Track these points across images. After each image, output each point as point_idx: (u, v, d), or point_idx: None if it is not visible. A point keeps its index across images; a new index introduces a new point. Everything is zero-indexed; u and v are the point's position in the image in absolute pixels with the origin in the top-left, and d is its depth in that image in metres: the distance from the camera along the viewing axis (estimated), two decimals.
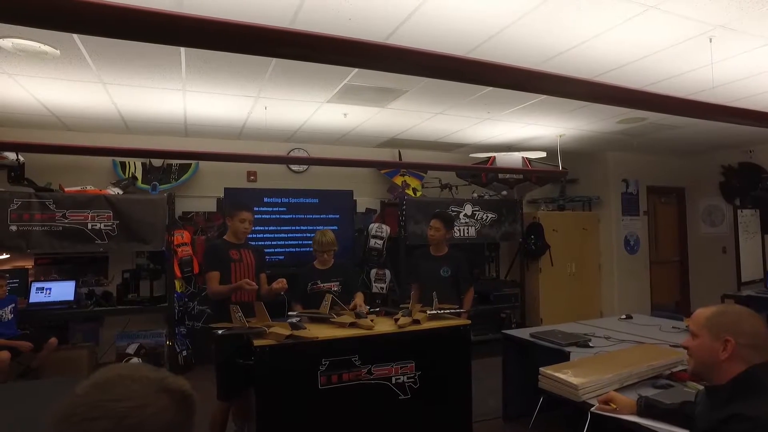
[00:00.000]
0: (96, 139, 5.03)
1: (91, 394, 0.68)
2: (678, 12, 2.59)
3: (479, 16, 2.60)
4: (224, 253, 3.16)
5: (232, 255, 3.16)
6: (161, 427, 0.67)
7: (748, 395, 1.28)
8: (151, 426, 0.66)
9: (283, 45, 1.89)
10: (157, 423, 0.67)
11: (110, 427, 0.64)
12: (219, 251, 3.20)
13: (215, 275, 3.09)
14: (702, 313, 1.47)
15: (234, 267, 3.15)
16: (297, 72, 3.44)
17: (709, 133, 5.65)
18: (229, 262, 3.14)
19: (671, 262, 7.58)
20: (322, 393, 2.59)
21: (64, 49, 2.93)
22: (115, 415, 0.65)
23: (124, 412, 0.65)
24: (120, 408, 0.65)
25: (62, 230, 4.50)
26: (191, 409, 0.72)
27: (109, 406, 0.65)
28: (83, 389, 0.69)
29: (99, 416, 0.64)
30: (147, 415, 0.66)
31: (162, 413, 0.67)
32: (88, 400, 0.67)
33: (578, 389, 2.17)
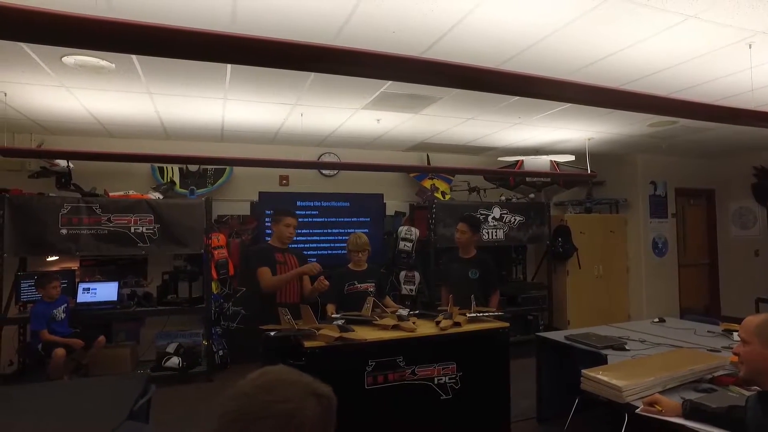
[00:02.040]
0: (136, 145, 5.23)
1: (259, 395, 0.77)
2: (717, 20, 2.63)
3: (520, 28, 2.67)
4: (271, 255, 3.30)
5: (277, 257, 3.30)
6: (315, 426, 0.76)
7: None
8: (309, 425, 0.75)
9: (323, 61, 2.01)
10: (313, 423, 0.76)
11: (281, 425, 0.74)
12: (266, 253, 3.35)
13: (267, 270, 3.23)
14: (752, 321, 1.53)
15: (279, 269, 3.28)
16: (336, 81, 3.55)
17: (742, 134, 5.61)
18: (275, 264, 3.28)
19: (700, 265, 7.51)
20: (368, 393, 2.70)
21: (119, 63, 3.10)
22: (282, 414, 0.74)
23: (289, 412, 0.75)
24: (285, 408, 0.75)
25: (107, 233, 4.70)
26: (334, 411, 0.81)
27: (276, 407, 0.75)
28: (250, 389, 0.78)
29: (268, 416, 0.74)
30: (306, 415, 0.75)
31: (315, 414, 0.77)
32: (257, 401, 0.76)
33: (622, 391, 2.23)
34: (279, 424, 0.74)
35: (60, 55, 2.90)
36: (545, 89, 2.47)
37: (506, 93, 2.68)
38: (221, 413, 0.77)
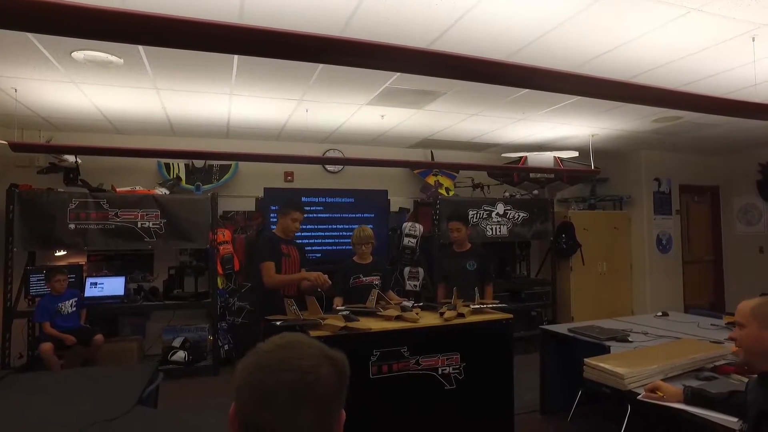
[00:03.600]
0: (143, 141, 5.29)
1: (279, 352, 0.82)
2: (721, 13, 2.64)
3: (524, 21, 2.69)
4: (278, 246, 3.34)
5: (283, 249, 3.34)
6: (328, 387, 0.80)
7: None
8: (323, 385, 0.79)
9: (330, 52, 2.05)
10: (326, 383, 0.80)
11: (296, 378, 0.78)
12: (275, 244, 3.38)
13: (272, 265, 3.26)
14: (747, 304, 1.55)
15: (284, 261, 3.33)
16: (341, 76, 3.59)
17: (747, 131, 5.60)
18: (281, 256, 3.32)
19: (705, 262, 7.50)
20: (373, 382, 2.73)
21: (127, 58, 3.14)
22: (300, 369, 0.79)
23: (306, 368, 0.79)
24: (303, 365, 0.79)
25: (115, 228, 4.76)
26: (346, 377, 0.85)
27: (295, 362, 0.80)
28: (270, 347, 0.83)
29: (288, 369, 0.79)
30: (321, 374, 0.79)
31: (329, 374, 0.80)
32: (277, 356, 0.81)
33: (624, 378, 2.25)
34: (295, 378, 0.78)
35: (70, 50, 2.94)
36: (552, 81, 2.50)
37: (513, 85, 2.69)
38: (241, 368, 0.82)
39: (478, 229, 5.82)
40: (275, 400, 0.77)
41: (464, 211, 5.12)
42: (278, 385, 0.78)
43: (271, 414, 0.77)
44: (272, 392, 0.78)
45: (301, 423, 0.77)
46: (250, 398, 0.79)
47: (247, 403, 0.79)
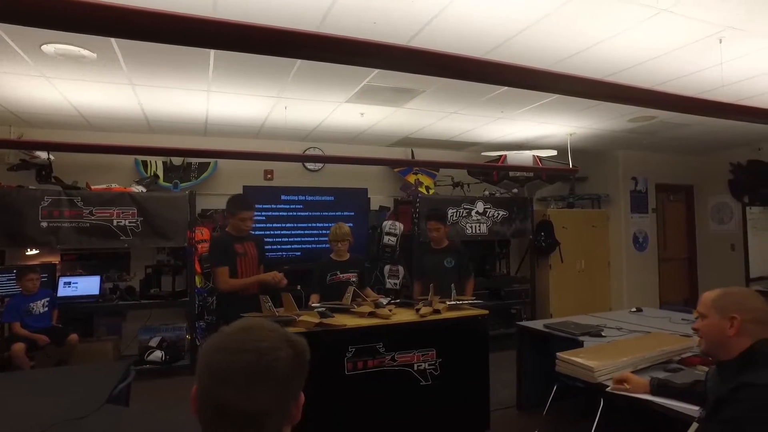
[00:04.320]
0: (119, 138, 5.19)
1: (240, 334, 0.86)
2: (689, 14, 2.70)
3: (499, 20, 2.72)
4: (230, 247, 3.30)
5: (237, 249, 3.30)
6: (286, 369, 0.84)
7: (756, 366, 1.40)
8: (281, 366, 0.84)
9: (310, 48, 2.05)
10: (284, 365, 0.84)
11: (253, 359, 0.82)
12: (226, 246, 3.32)
13: (225, 270, 3.22)
14: (709, 296, 1.59)
15: (240, 261, 3.29)
16: (319, 73, 3.58)
17: (718, 131, 5.74)
18: (236, 257, 3.28)
19: (680, 260, 7.66)
20: (348, 379, 2.73)
21: (100, 52, 3.09)
22: (258, 350, 0.83)
23: (264, 349, 0.83)
24: (262, 346, 0.83)
25: (89, 227, 4.67)
26: (305, 360, 0.89)
27: (253, 344, 0.84)
28: (232, 330, 0.88)
29: (246, 350, 0.83)
30: (279, 356, 0.84)
31: (288, 357, 0.85)
32: (238, 337, 0.85)
33: (594, 371, 2.30)
34: (253, 359, 0.82)
35: (39, 42, 2.88)
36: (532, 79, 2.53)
37: (494, 83, 2.73)
38: (203, 349, 0.86)
39: (458, 227, 5.86)
40: (233, 379, 0.81)
41: (443, 210, 5.16)
42: (236, 365, 0.81)
43: (229, 392, 0.81)
44: (230, 372, 0.81)
45: (257, 402, 0.81)
46: (210, 378, 0.83)
47: (206, 383, 0.83)
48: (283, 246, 5.49)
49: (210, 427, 0.84)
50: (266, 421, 0.83)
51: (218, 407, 0.82)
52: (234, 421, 0.82)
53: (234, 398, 0.81)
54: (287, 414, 0.87)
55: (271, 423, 0.84)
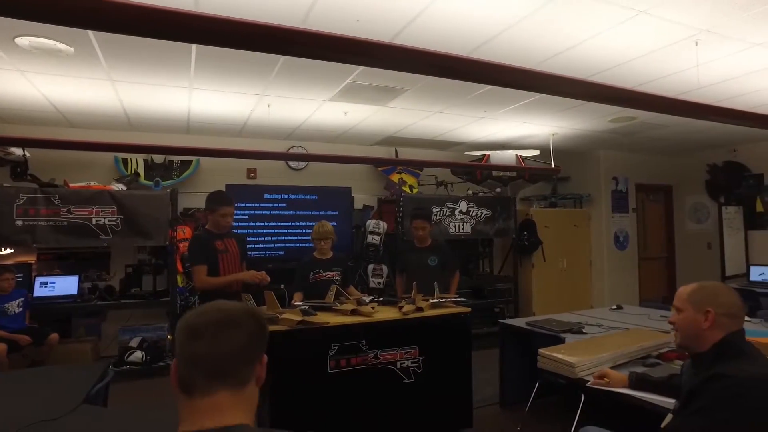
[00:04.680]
0: (99, 135, 5.11)
1: (209, 304, 1.02)
2: (666, 17, 2.76)
3: (481, 19, 2.74)
4: (211, 245, 3.23)
5: (217, 246, 3.24)
6: (250, 325, 1.00)
7: (726, 358, 1.44)
8: (245, 322, 0.99)
9: (297, 44, 2.03)
10: (248, 321, 1.00)
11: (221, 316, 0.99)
12: (206, 244, 3.26)
13: (203, 269, 3.16)
14: (684, 290, 1.63)
15: (221, 258, 3.23)
16: (303, 71, 3.57)
17: (696, 133, 5.87)
18: (216, 254, 3.22)
19: (659, 258, 7.81)
20: (331, 376, 2.72)
21: (78, 46, 3.03)
22: (225, 311, 1.00)
23: (230, 310, 1.01)
24: (230, 307, 1.02)
25: (67, 225, 4.57)
26: (265, 326, 1.05)
27: (221, 307, 1.01)
28: (199, 307, 1.04)
29: (215, 311, 1.00)
30: (242, 316, 1.01)
31: (249, 320, 1.01)
32: (208, 306, 1.02)
33: (575, 367, 2.33)
34: (220, 316, 0.98)
35: (12, 35, 2.81)
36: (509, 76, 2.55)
37: (478, 81, 2.74)
38: (180, 320, 1.00)
39: (441, 226, 5.89)
40: (204, 332, 0.95)
41: (429, 209, 5.18)
42: (205, 322, 0.97)
43: (200, 343, 0.94)
44: (200, 327, 0.96)
45: (224, 348, 0.95)
46: (182, 338, 0.96)
47: (181, 343, 0.96)
48: (266, 245, 5.45)
49: (184, 383, 0.94)
50: (233, 366, 0.96)
51: (191, 359, 0.94)
52: (204, 367, 0.94)
53: (204, 347, 0.94)
54: (252, 367, 0.99)
55: (238, 369, 0.96)
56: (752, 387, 1.34)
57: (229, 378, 0.95)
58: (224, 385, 0.95)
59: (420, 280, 3.51)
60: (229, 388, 0.95)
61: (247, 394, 0.98)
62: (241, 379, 0.97)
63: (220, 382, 0.95)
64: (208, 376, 0.94)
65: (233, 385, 0.96)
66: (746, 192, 6.68)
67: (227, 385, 0.95)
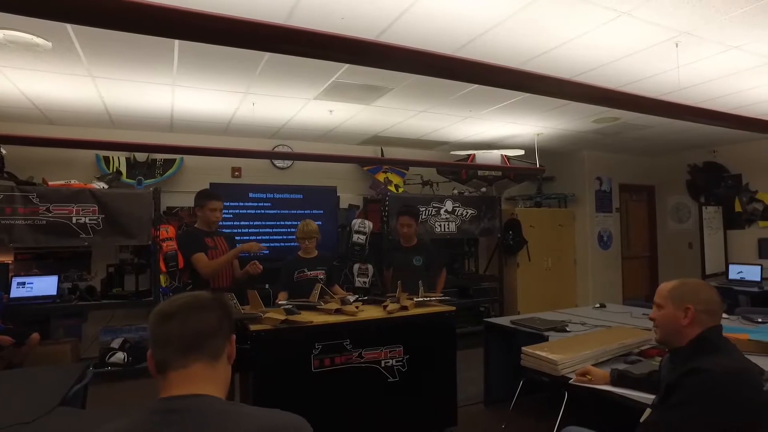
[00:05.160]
0: (80, 133, 5.01)
1: (178, 293, 1.14)
2: (647, 18, 2.80)
3: (465, 18, 2.75)
4: (201, 240, 3.25)
5: (207, 242, 3.26)
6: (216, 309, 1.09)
7: (703, 353, 1.47)
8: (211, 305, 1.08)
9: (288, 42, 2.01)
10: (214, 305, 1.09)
11: (191, 300, 1.08)
12: (196, 237, 3.30)
13: (202, 256, 3.21)
14: (665, 287, 1.65)
15: (210, 254, 3.24)
16: (287, 69, 3.54)
17: (677, 134, 5.96)
18: (206, 250, 3.23)
19: (642, 257, 7.92)
20: (315, 376, 2.70)
21: (56, 41, 2.96)
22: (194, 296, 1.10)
23: (198, 295, 1.10)
24: (196, 293, 1.11)
25: (46, 224, 4.47)
26: (230, 309, 1.14)
27: (190, 293, 1.11)
28: (175, 296, 1.10)
29: (184, 296, 1.09)
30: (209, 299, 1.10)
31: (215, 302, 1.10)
32: (177, 294, 1.11)
33: (558, 364, 2.34)
34: (190, 299, 1.07)
35: None
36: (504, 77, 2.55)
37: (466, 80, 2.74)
38: (153, 312, 1.07)
39: (427, 225, 5.90)
40: (177, 313, 1.03)
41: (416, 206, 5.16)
42: (177, 305, 1.05)
43: (173, 323, 1.02)
44: (173, 309, 1.04)
45: (196, 325, 1.02)
46: (155, 322, 1.04)
47: (153, 328, 1.04)
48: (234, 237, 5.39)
49: (159, 364, 1.01)
50: (206, 340, 1.03)
51: (165, 339, 1.01)
52: (177, 344, 1.00)
53: (176, 326, 1.01)
54: (224, 341, 1.08)
55: (211, 342, 1.04)
56: (728, 381, 1.36)
57: (202, 350, 1.02)
58: (198, 358, 1.01)
59: (405, 279, 3.51)
60: (203, 361, 1.01)
61: (219, 370, 1.05)
62: (214, 353, 1.04)
63: (193, 355, 1.00)
64: (182, 351, 1.00)
65: (206, 358, 1.02)
66: (725, 192, 6.82)
67: (201, 357, 1.01)
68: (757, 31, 2.95)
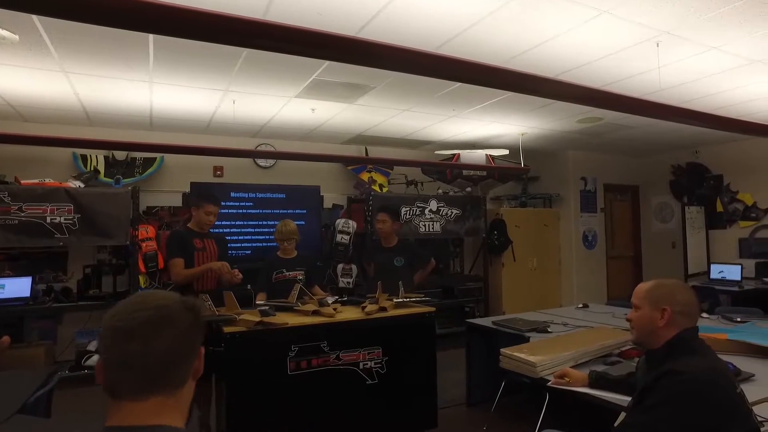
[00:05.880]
0: (56, 131, 4.86)
1: (138, 298, 0.94)
2: (628, 17, 2.78)
3: (444, 16, 2.71)
4: (188, 241, 3.20)
5: (196, 244, 3.20)
6: (184, 320, 0.93)
7: (678, 354, 1.44)
8: (178, 318, 0.92)
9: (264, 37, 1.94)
10: (181, 317, 0.93)
11: (153, 314, 0.90)
12: (183, 240, 3.24)
13: (179, 262, 3.15)
14: (642, 287, 1.63)
15: (198, 255, 3.19)
16: (266, 66, 3.47)
17: (660, 134, 5.99)
18: (193, 251, 3.18)
19: (626, 257, 7.96)
20: (291, 378, 2.64)
21: (23, 34, 2.86)
22: (156, 307, 0.91)
23: (162, 306, 0.92)
24: (162, 303, 0.92)
25: (18, 224, 4.35)
26: (200, 317, 0.97)
27: (152, 302, 0.92)
28: (130, 297, 0.94)
29: (145, 308, 0.90)
30: (175, 310, 0.93)
31: (183, 313, 0.94)
32: (136, 300, 0.93)
33: (536, 366, 2.31)
34: (151, 314, 0.90)
35: None
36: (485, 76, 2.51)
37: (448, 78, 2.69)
38: (106, 318, 0.91)
39: (411, 225, 5.86)
40: (137, 331, 0.87)
41: (394, 205, 5.12)
42: (139, 320, 0.88)
43: (134, 345, 0.87)
44: (134, 326, 0.88)
45: (161, 349, 0.88)
46: (113, 338, 0.88)
47: (109, 344, 0.89)
48: (233, 244, 5.28)
49: (113, 386, 0.87)
50: (169, 369, 0.89)
51: (123, 362, 0.87)
52: (137, 373, 0.87)
53: (139, 349, 0.86)
54: (190, 365, 0.93)
55: (174, 371, 0.90)
56: (702, 382, 1.34)
57: (164, 385, 0.89)
58: (158, 393, 0.88)
59: (386, 279, 3.47)
60: (166, 392, 0.89)
61: (183, 395, 0.93)
62: (178, 383, 0.91)
63: (153, 390, 0.88)
64: (140, 383, 0.87)
65: (170, 390, 0.90)
66: (707, 192, 6.88)
67: (164, 389, 0.89)
68: (733, 32, 2.96)
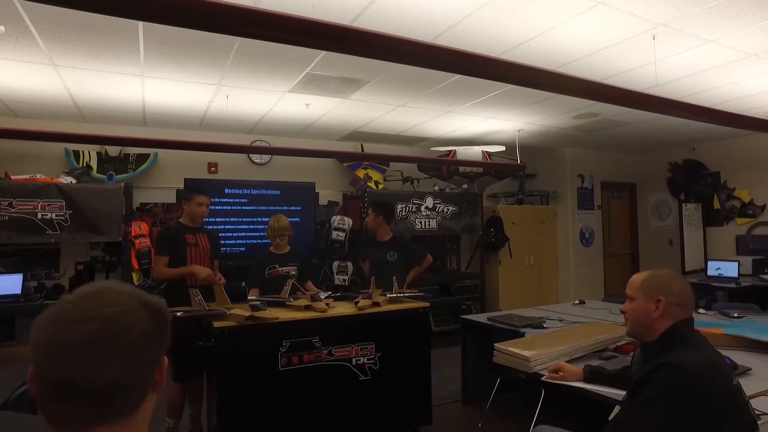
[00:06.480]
0: (48, 126, 4.81)
1: (83, 301, 0.73)
2: (624, 8, 2.74)
3: (438, 7, 2.67)
4: (180, 237, 3.15)
5: (188, 239, 3.15)
6: (141, 333, 0.74)
7: (673, 346, 1.41)
8: (133, 332, 0.73)
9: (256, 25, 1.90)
10: (137, 329, 0.73)
11: (99, 327, 0.70)
12: (174, 235, 3.19)
13: (164, 260, 3.10)
14: (637, 278, 1.59)
15: (189, 251, 3.14)
16: (259, 59, 3.43)
17: (657, 131, 5.96)
18: (185, 246, 3.13)
19: (623, 255, 7.94)
20: (282, 374, 2.60)
21: (9, 25, 2.81)
22: (104, 317, 0.71)
23: (112, 315, 0.72)
24: (108, 312, 0.72)
25: (8, 220, 4.30)
26: (165, 322, 0.78)
27: (98, 311, 0.71)
28: (74, 297, 0.74)
29: (89, 318, 0.70)
30: (130, 320, 0.73)
31: (141, 321, 0.74)
32: (80, 305, 0.72)
33: (530, 361, 2.27)
34: (97, 327, 0.70)
35: None
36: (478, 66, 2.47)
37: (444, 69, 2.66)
38: (37, 321, 0.72)
39: (408, 222, 5.83)
40: (76, 352, 0.68)
41: (385, 201, 5.07)
42: (77, 336, 0.69)
43: (72, 368, 0.68)
44: (71, 344, 0.69)
45: (109, 374, 0.70)
46: (46, 355, 0.69)
47: (42, 361, 0.69)
48: (227, 241, 5.25)
49: (50, 411, 0.70)
50: (121, 394, 0.72)
51: (59, 386, 0.68)
52: (80, 400, 0.68)
53: (79, 373, 0.68)
54: (148, 382, 0.76)
55: (128, 395, 0.73)
56: (697, 374, 1.30)
57: (111, 414, 0.71)
58: (104, 423, 0.71)
59: (379, 274, 3.43)
60: (114, 421, 0.72)
61: (136, 420, 0.75)
62: (132, 407, 0.74)
63: (98, 421, 0.70)
64: (81, 412, 0.69)
65: (116, 420, 0.72)
66: (704, 189, 6.86)
67: (112, 418, 0.71)
68: (729, 25, 2.92)
